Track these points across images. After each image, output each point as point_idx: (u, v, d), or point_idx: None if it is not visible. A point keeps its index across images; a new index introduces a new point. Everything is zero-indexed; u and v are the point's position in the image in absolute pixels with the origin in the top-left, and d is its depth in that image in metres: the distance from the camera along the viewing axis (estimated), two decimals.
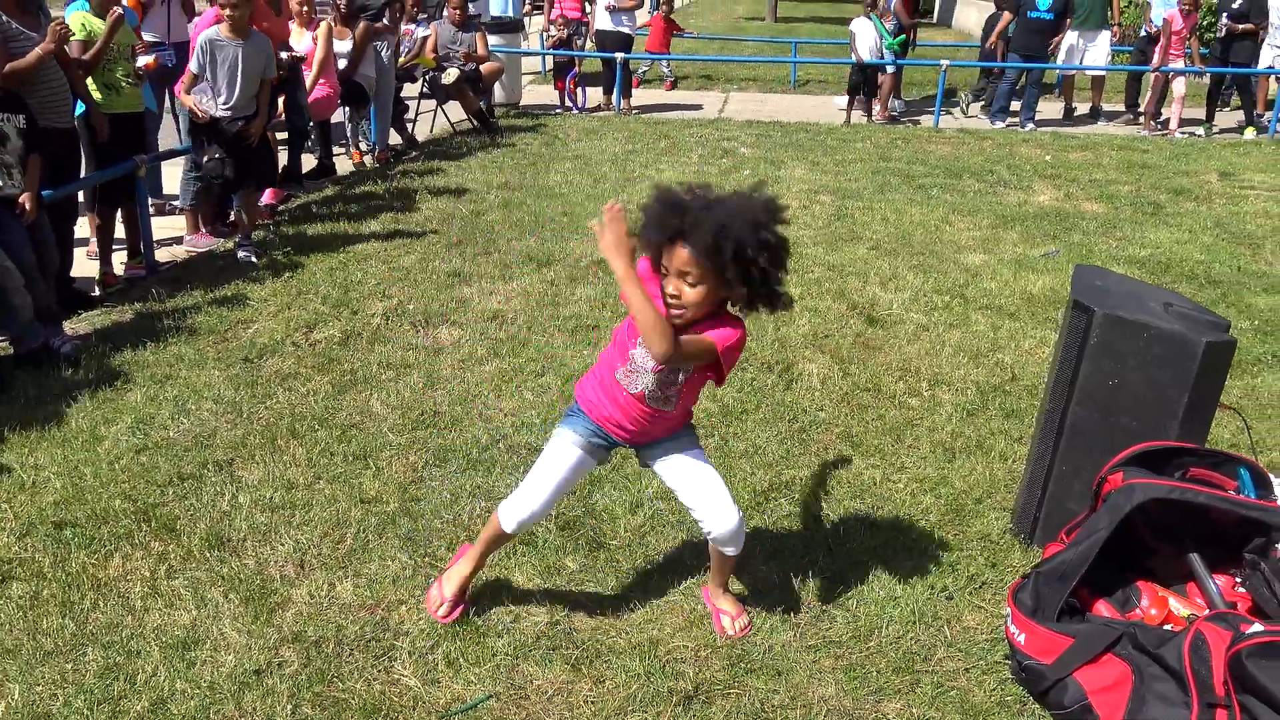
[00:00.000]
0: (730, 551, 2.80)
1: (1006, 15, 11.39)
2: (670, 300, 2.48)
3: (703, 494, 2.73)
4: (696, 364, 2.58)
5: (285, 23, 7.25)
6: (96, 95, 5.52)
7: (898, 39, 11.73)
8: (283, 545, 3.26)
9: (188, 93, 5.87)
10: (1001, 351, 4.89)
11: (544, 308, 5.38)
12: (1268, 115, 11.20)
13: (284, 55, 6.69)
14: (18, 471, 3.70)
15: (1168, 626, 2.67)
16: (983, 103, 12.06)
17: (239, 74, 5.80)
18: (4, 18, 4.77)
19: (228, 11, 5.72)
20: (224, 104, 5.84)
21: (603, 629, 2.89)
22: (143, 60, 5.85)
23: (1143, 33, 11.97)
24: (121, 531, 3.32)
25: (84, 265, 5.91)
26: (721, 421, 4.12)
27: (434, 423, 4.11)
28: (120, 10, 5.55)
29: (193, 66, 5.79)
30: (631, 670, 2.72)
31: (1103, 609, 2.78)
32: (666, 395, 2.65)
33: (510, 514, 2.78)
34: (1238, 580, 2.76)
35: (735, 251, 2.37)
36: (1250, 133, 11.03)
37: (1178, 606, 2.75)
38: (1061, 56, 11.55)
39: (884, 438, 4.04)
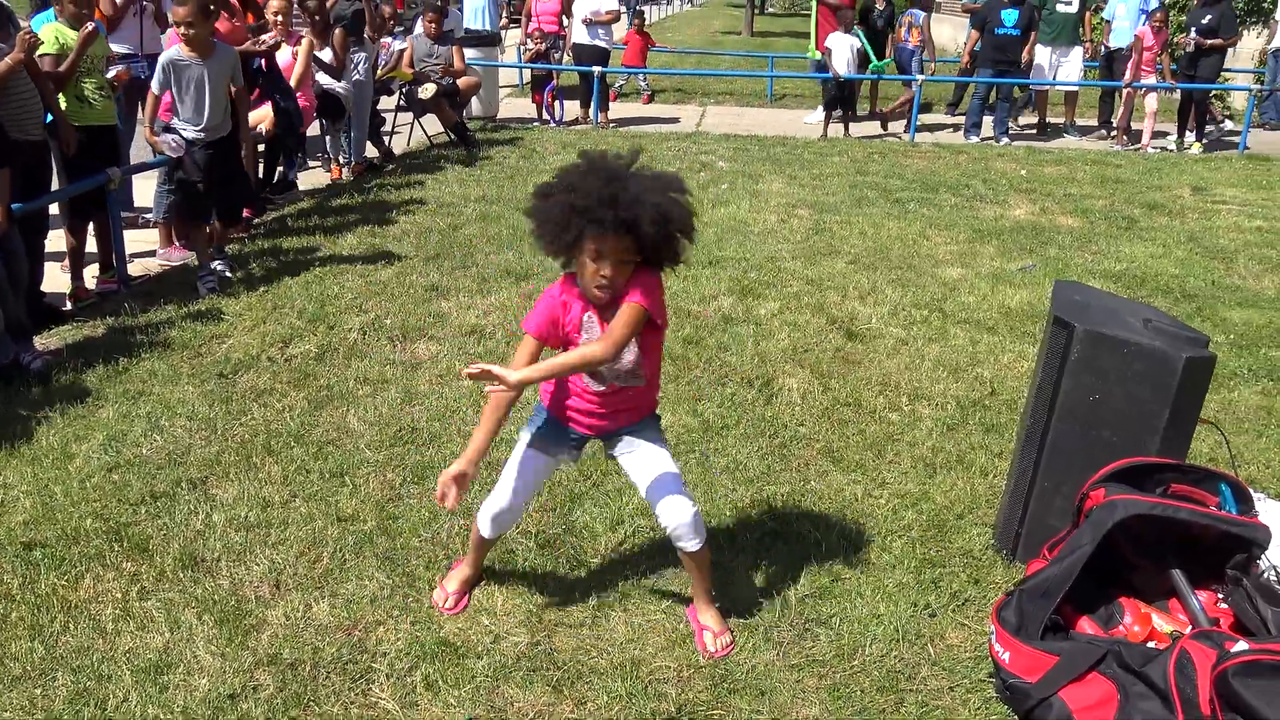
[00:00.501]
0: (690, 546, 2.78)
1: (974, 33, 11.49)
2: (602, 283, 2.54)
3: (658, 486, 2.76)
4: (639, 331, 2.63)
5: (242, 28, 7.03)
6: (66, 107, 5.42)
7: (886, 60, 11.95)
8: (258, 565, 3.21)
9: (151, 120, 5.61)
10: (980, 365, 4.89)
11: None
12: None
13: (251, 44, 6.54)
14: None
15: (1151, 643, 2.66)
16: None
17: (206, 94, 5.51)
18: None
19: (182, 30, 5.38)
20: (196, 127, 5.58)
21: (584, 649, 2.86)
22: (113, 71, 5.76)
23: (1103, 50, 12.12)
24: (92, 552, 3.26)
25: (55, 279, 5.82)
26: (702, 437, 4.10)
27: (412, 439, 4.06)
28: (93, 25, 5.47)
29: (154, 87, 5.56)
30: (613, 691, 2.69)
31: (1086, 626, 2.77)
32: (635, 373, 2.71)
33: (483, 518, 2.92)
34: (1220, 596, 2.76)
35: (673, 229, 2.52)
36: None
37: (1161, 623, 2.74)
38: (1034, 72, 11.66)
39: (865, 453, 4.03)
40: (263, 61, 6.88)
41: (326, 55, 8.01)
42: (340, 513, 3.52)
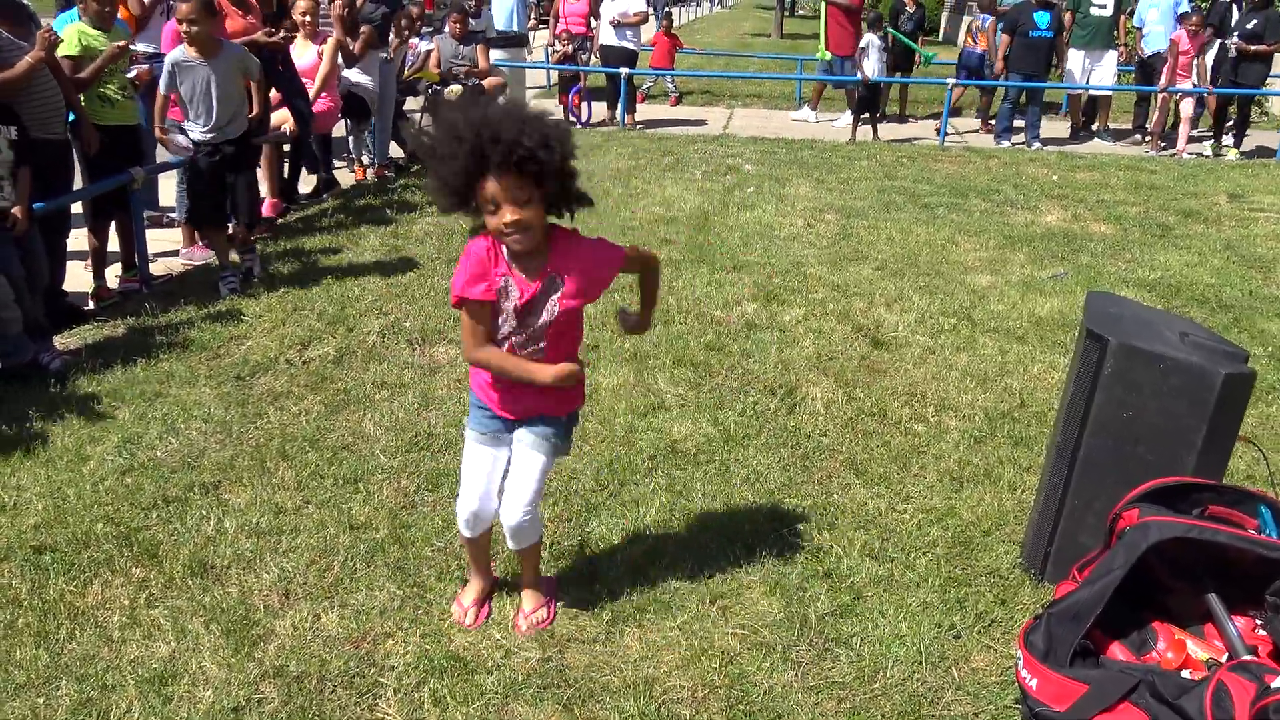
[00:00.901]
0: (511, 545, 2.87)
1: (1005, 38, 11.31)
2: (513, 227, 2.41)
3: (512, 479, 2.77)
4: (570, 302, 2.58)
5: (257, 25, 6.74)
6: (86, 106, 5.40)
7: (931, 54, 12.03)
8: (268, 573, 3.16)
9: (160, 118, 5.54)
10: (1010, 376, 4.78)
11: None
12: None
13: (262, 34, 6.42)
14: None
15: (1186, 672, 2.55)
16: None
17: (213, 96, 5.36)
18: None
19: (184, 28, 5.18)
20: (203, 129, 5.44)
21: (596, 666, 2.78)
22: (134, 71, 5.73)
23: (1137, 56, 11.90)
24: (102, 557, 3.22)
25: (78, 278, 5.82)
26: (723, 447, 4.01)
27: (428, 445, 4.01)
28: (124, 42, 5.43)
29: (162, 88, 5.44)
30: (625, 711, 2.61)
31: (1118, 651, 2.67)
32: (535, 344, 2.61)
33: (459, 520, 2.86)
34: (1258, 622, 2.64)
35: (561, 158, 2.39)
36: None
37: (1196, 650, 2.63)
38: (1067, 76, 11.49)
39: (889, 465, 3.93)
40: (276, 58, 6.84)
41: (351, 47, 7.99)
42: (353, 520, 3.46)
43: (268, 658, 2.78)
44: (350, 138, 8.95)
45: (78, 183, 5.57)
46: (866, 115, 11.34)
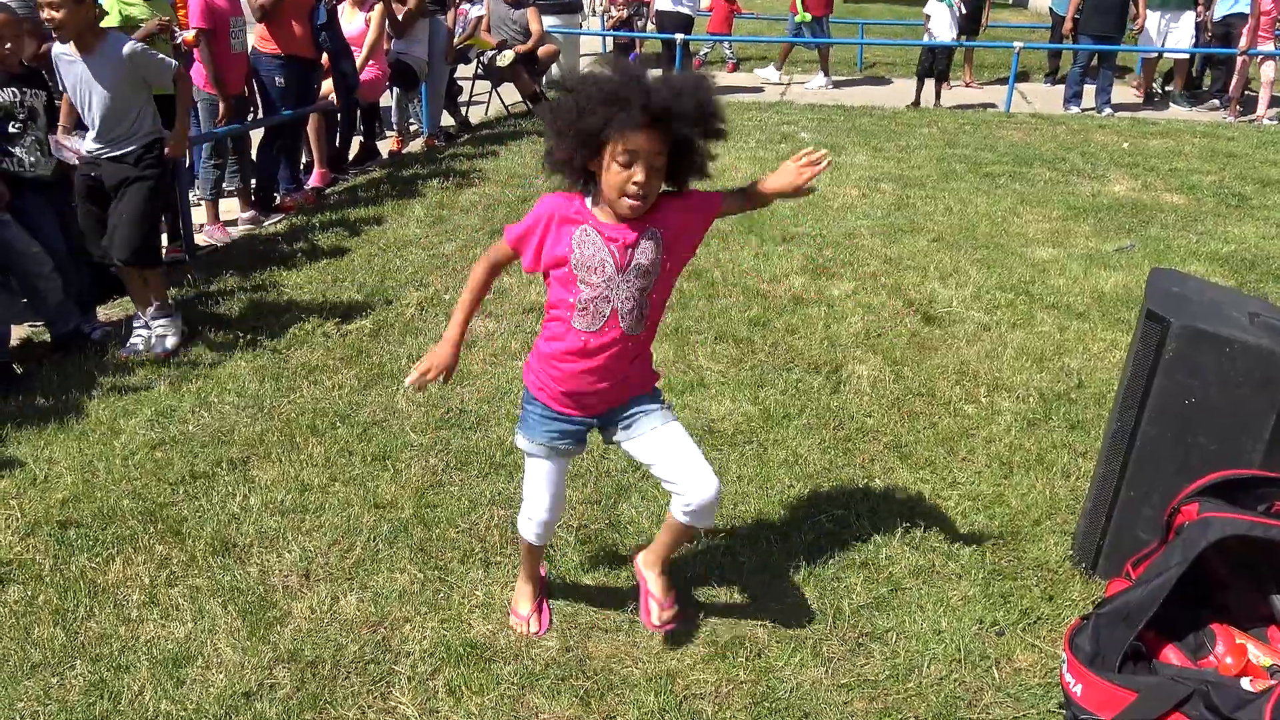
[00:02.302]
0: (699, 524, 2.53)
1: None
2: (634, 190, 2.25)
3: (679, 462, 2.45)
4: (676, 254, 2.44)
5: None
6: None
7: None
8: (289, 553, 3.10)
9: (62, 118, 4.61)
10: (1068, 355, 4.56)
11: None
12: None
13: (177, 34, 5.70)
14: (30, 466, 3.60)
15: (1246, 679, 2.38)
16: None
17: (93, 98, 4.29)
18: None
19: (45, 14, 4.11)
20: (90, 138, 4.40)
21: (617, 658, 2.68)
22: (181, 36, 5.68)
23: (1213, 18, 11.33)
24: (126, 533, 3.19)
25: None
26: (762, 427, 3.87)
27: (459, 422, 3.92)
28: (165, 19, 5.38)
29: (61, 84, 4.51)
30: (645, 706, 2.51)
31: (1172, 655, 2.50)
32: (640, 311, 2.39)
33: (523, 528, 2.68)
34: None
35: (711, 124, 2.30)
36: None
37: (1258, 655, 2.45)
38: (1142, 38, 11.01)
39: (936, 449, 3.76)
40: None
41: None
42: (378, 499, 3.39)
43: (283, 641, 2.73)
44: (395, 109, 8.86)
45: None
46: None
